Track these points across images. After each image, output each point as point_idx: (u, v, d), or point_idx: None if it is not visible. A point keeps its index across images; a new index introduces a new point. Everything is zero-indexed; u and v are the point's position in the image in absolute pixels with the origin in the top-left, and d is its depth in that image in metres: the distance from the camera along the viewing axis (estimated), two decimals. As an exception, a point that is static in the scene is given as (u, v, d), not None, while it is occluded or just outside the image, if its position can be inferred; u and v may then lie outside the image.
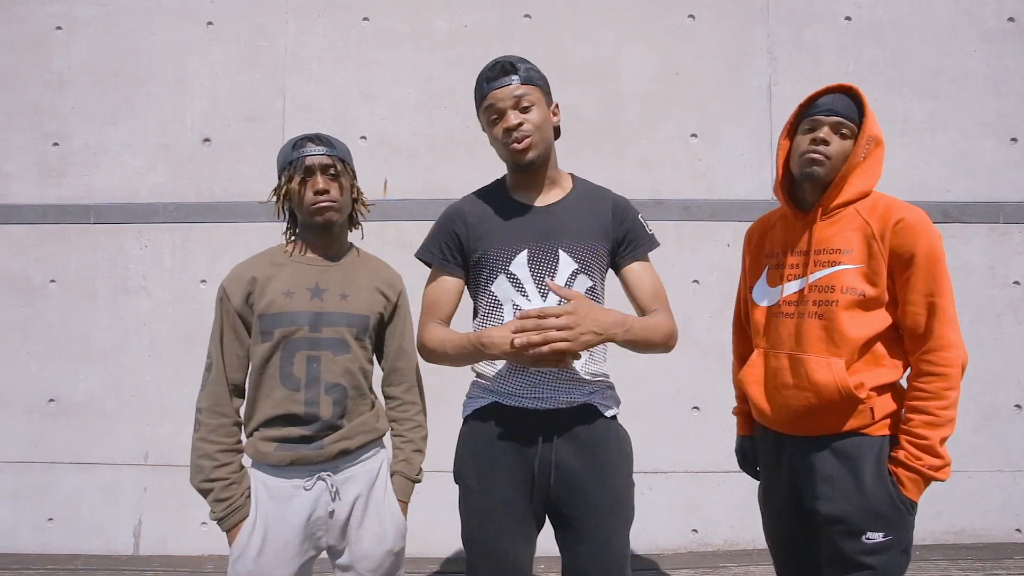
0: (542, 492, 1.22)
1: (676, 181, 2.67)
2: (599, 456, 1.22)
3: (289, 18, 2.70)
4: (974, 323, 2.60)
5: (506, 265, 1.23)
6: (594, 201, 1.30)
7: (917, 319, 1.14)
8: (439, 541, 2.57)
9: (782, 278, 1.26)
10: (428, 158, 2.67)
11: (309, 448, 1.23)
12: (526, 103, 1.20)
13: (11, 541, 2.64)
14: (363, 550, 1.28)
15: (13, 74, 2.73)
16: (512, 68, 1.21)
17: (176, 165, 2.69)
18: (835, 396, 1.15)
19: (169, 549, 2.60)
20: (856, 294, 1.16)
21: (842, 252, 1.18)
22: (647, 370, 2.58)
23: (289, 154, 1.28)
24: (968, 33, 2.65)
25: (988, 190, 2.63)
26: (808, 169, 1.19)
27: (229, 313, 1.27)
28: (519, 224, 1.25)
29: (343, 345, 1.26)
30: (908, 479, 1.13)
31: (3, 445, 2.66)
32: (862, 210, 1.19)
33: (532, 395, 1.21)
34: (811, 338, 1.19)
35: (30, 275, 2.69)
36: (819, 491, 1.18)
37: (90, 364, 2.66)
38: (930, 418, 1.12)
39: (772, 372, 1.25)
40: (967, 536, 2.57)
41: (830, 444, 1.18)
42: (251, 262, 1.31)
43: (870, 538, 1.13)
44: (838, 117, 1.18)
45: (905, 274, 1.14)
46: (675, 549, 2.58)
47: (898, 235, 1.14)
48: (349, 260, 1.36)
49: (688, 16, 2.68)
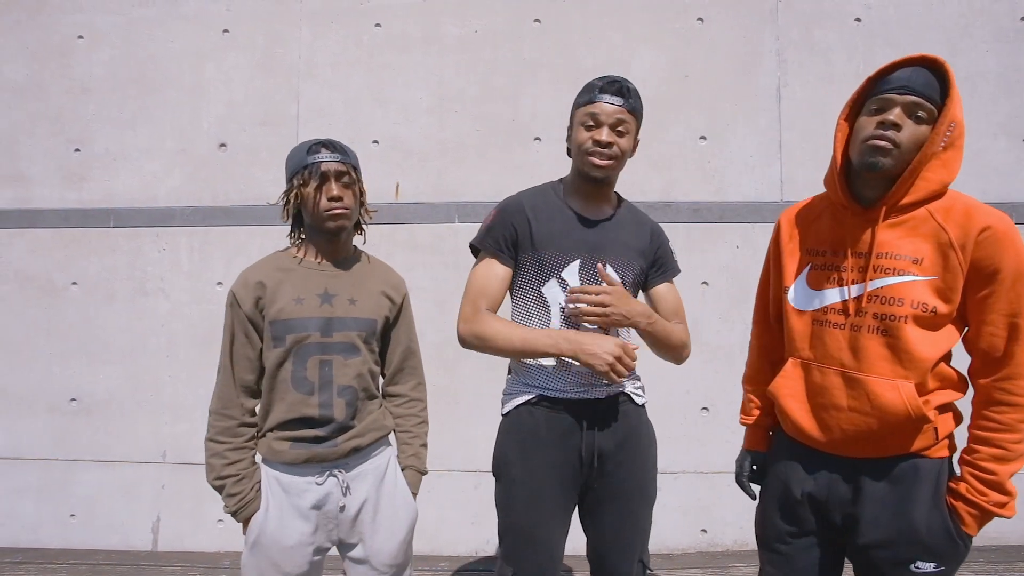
0: (583, 477, 1.31)
1: (686, 183, 2.68)
2: (632, 441, 1.34)
3: (303, 24, 2.75)
4: (987, 324, 2.59)
5: (559, 270, 1.31)
6: (637, 223, 1.41)
7: (995, 341, 1.01)
8: (448, 541, 2.60)
9: (830, 281, 1.09)
10: (439, 161, 2.71)
11: (323, 447, 1.27)
12: (622, 128, 1.27)
13: (36, 536, 2.71)
14: (378, 544, 1.32)
15: (36, 82, 2.80)
16: (627, 92, 1.29)
17: (193, 169, 2.75)
18: (904, 421, 1.02)
19: (187, 545, 2.66)
20: (927, 310, 1.01)
21: (911, 261, 1.01)
22: (657, 372, 2.58)
23: (303, 159, 1.28)
24: (980, 32, 2.63)
25: (1001, 190, 2.61)
26: (872, 159, 1.00)
27: (240, 317, 1.29)
28: (576, 233, 1.32)
29: (353, 349, 1.30)
30: (968, 514, 1.03)
31: (27, 443, 2.73)
32: (937, 213, 1.02)
33: (576, 387, 1.30)
34: (872, 355, 1.04)
35: (53, 277, 2.76)
36: (866, 514, 1.06)
37: (110, 364, 2.73)
38: (1001, 452, 1.01)
39: (818, 389, 1.10)
40: (979, 539, 2.53)
41: (883, 465, 1.06)
42: (259, 266, 1.33)
43: (919, 567, 1.03)
44: (914, 96, 0.98)
45: (985, 291, 1.00)
46: (684, 549, 2.59)
47: (983, 246, 0.98)
48: (356, 265, 1.39)
49: (697, 19, 2.69)
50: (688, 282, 2.61)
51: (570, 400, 1.29)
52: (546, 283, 1.31)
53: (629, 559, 1.30)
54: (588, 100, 1.29)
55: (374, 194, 2.78)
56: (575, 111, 1.34)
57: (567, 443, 1.29)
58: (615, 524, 1.31)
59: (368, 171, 2.77)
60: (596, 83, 1.30)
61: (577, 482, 1.31)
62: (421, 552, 2.58)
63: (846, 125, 1.10)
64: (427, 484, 2.62)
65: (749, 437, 1.35)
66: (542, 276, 1.31)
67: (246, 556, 1.29)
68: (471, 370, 2.56)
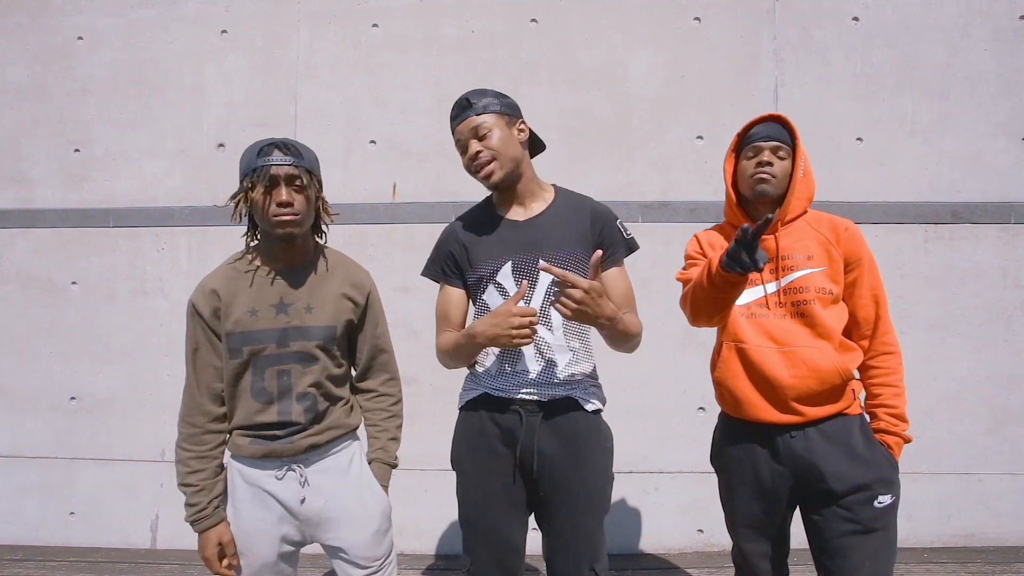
0: (526, 477, 1.33)
1: (683, 183, 2.68)
2: (577, 446, 1.33)
3: (301, 25, 2.76)
4: (986, 325, 2.58)
5: (493, 276, 1.36)
6: (574, 210, 1.40)
7: (869, 311, 1.35)
8: (444, 539, 2.61)
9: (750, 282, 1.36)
10: (437, 162, 2.72)
11: (279, 443, 1.28)
12: (483, 131, 1.31)
13: (37, 533, 2.73)
14: (349, 537, 1.33)
15: (38, 84, 2.82)
16: (468, 103, 1.33)
17: (192, 170, 2.77)
18: (836, 378, 1.29)
19: (185, 544, 2.68)
20: (826, 292, 1.32)
21: (806, 258, 1.34)
22: (654, 372, 2.59)
23: (253, 160, 1.22)
24: (979, 32, 2.63)
25: (1000, 190, 2.61)
26: (760, 188, 1.35)
27: (201, 326, 1.28)
28: (503, 238, 1.37)
29: (310, 358, 1.29)
30: (894, 443, 1.32)
31: (29, 441, 2.75)
32: (811, 223, 1.38)
33: (518, 387, 1.33)
34: (796, 333, 1.32)
35: (53, 277, 2.78)
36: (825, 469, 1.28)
37: (110, 363, 2.75)
38: (896, 389, 1.34)
39: (758, 366, 1.33)
40: (977, 539, 2.55)
41: (820, 426, 1.31)
42: (215, 275, 1.30)
43: (881, 501, 1.28)
44: (775, 142, 1.35)
45: (854, 274, 1.34)
46: (681, 549, 2.59)
47: (847, 242, 1.34)
48: (314, 268, 1.34)
49: (695, 18, 2.69)
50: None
51: (511, 400, 1.33)
52: (485, 291, 1.37)
53: (577, 566, 1.30)
54: (452, 133, 1.37)
55: (372, 194, 2.80)
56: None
57: (508, 442, 1.33)
58: (562, 530, 1.32)
59: (366, 171, 2.81)
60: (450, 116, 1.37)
61: (525, 481, 1.34)
62: (416, 551, 2.59)
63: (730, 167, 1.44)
64: (422, 483, 2.63)
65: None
66: (482, 286, 1.37)
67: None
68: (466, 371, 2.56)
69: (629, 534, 2.61)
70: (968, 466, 2.56)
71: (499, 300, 1.35)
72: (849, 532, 1.27)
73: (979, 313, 2.59)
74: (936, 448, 2.57)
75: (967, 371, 2.58)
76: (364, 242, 2.70)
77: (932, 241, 2.61)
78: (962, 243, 2.61)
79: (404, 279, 2.63)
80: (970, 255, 2.60)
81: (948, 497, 2.56)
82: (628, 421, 2.54)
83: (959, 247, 2.61)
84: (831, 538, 1.29)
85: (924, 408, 2.54)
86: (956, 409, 2.57)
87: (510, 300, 1.23)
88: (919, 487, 2.56)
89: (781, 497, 1.35)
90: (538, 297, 1.34)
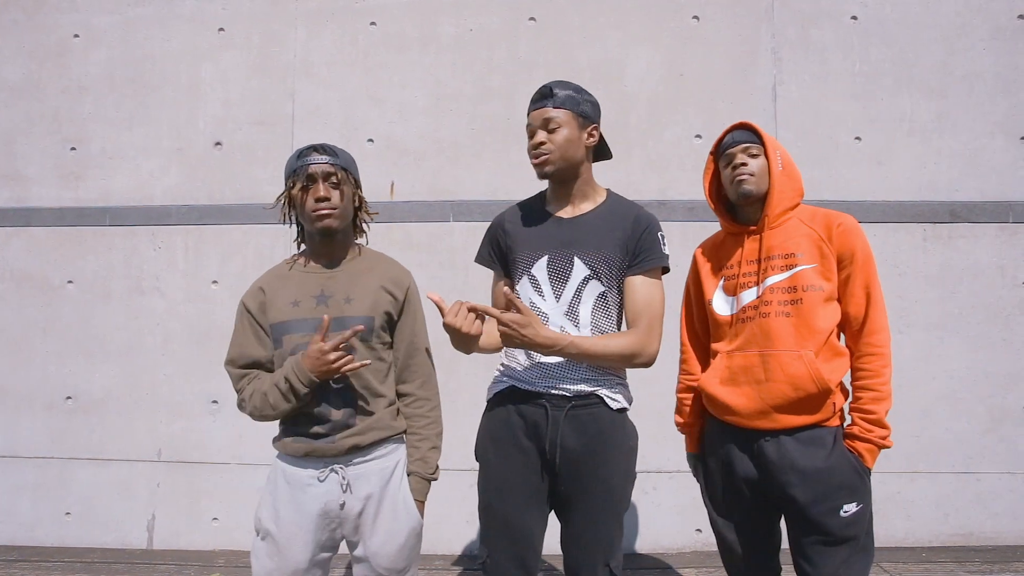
0: (549, 471, 1.34)
1: (681, 182, 2.67)
2: (599, 443, 1.33)
3: (298, 23, 2.75)
4: (983, 324, 2.58)
5: (528, 268, 1.39)
6: (619, 214, 1.40)
7: (859, 308, 1.31)
8: (446, 538, 2.60)
9: (740, 287, 1.38)
10: (435, 161, 2.71)
11: (321, 442, 1.29)
12: (554, 125, 1.34)
13: (32, 534, 2.72)
14: (376, 545, 1.31)
15: (33, 81, 2.81)
16: (550, 92, 1.36)
17: (189, 168, 2.76)
18: (811, 387, 1.27)
19: (182, 544, 2.67)
20: (817, 290, 1.30)
21: (796, 255, 1.33)
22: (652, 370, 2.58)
23: (294, 163, 1.34)
24: (977, 31, 2.63)
25: (998, 190, 2.61)
26: (742, 189, 1.35)
27: (249, 319, 1.36)
28: (545, 232, 1.40)
29: (349, 348, 1.29)
30: (865, 450, 1.29)
31: (24, 441, 2.74)
32: (803, 218, 1.36)
33: (544, 382, 1.34)
34: (780, 334, 1.30)
35: (49, 276, 2.77)
36: (792, 479, 1.28)
37: (106, 362, 2.73)
38: (876, 394, 1.29)
39: (740, 370, 1.35)
40: (975, 539, 2.55)
41: (794, 435, 1.31)
42: (263, 276, 1.40)
43: (847, 510, 1.27)
44: (743, 143, 1.38)
45: (847, 271, 1.31)
46: (679, 549, 2.58)
47: (841, 237, 1.31)
48: (354, 263, 1.40)
49: (693, 17, 2.69)
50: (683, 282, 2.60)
51: (538, 393, 1.34)
52: (520, 281, 1.40)
53: (592, 563, 1.31)
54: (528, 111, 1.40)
55: (369, 193, 2.77)
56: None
57: (533, 435, 1.34)
58: (579, 527, 1.33)
59: (363, 170, 2.76)
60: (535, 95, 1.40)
61: (544, 474, 1.34)
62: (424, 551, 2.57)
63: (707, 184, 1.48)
64: (423, 483, 2.62)
65: (692, 441, 1.56)
66: (518, 275, 1.41)
67: (256, 542, 1.33)
68: (468, 369, 2.56)
69: (627, 534, 2.60)
70: (966, 465, 2.56)
71: (530, 292, 1.37)
72: (818, 542, 1.28)
73: (977, 312, 2.59)
74: (934, 447, 2.56)
75: (965, 370, 2.58)
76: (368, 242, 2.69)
77: (930, 240, 2.61)
78: (960, 242, 2.61)
79: (401, 278, 2.62)
80: (968, 254, 2.60)
81: (946, 496, 2.56)
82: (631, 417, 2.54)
83: (957, 246, 2.60)
84: (803, 544, 1.30)
85: (922, 407, 2.54)
86: (954, 408, 2.57)
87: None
88: (917, 486, 2.56)
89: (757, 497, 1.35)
90: (568, 293, 1.35)
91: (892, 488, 2.54)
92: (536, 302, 1.36)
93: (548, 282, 1.36)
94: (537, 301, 1.36)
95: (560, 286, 1.35)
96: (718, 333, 1.43)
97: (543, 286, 1.36)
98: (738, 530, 1.40)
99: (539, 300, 1.36)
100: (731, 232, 1.45)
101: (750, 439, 1.35)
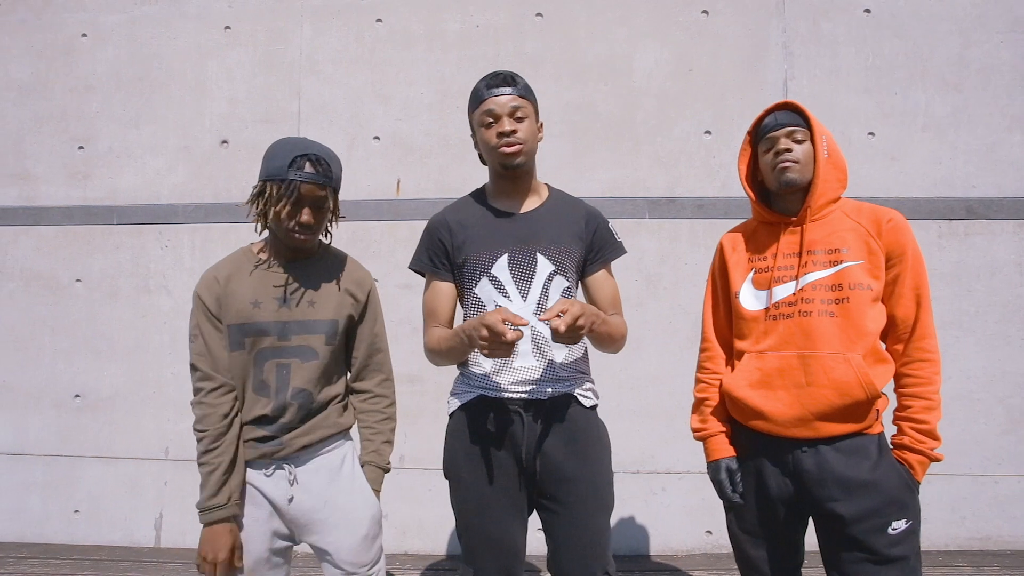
0: (529, 478, 1.29)
1: (690, 179, 2.64)
2: (580, 444, 1.30)
3: (304, 21, 2.75)
4: (1001, 323, 2.52)
5: (488, 268, 1.31)
6: (569, 209, 1.39)
7: (908, 311, 1.21)
8: (449, 539, 2.58)
9: (774, 280, 1.26)
10: (441, 158, 2.69)
11: (269, 445, 1.28)
12: (520, 114, 1.29)
13: (41, 531, 2.73)
14: (337, 540, 1.31)
15: (42, 81, 2.82)
16: (512, 80, 1.30)
17: (195, 167, 2.76)
18: (859, 393, 1.16)
19: (189, 542, 2.67)
20: (865, 288, 1.20)
21: (841, 251, 1.22)
22: (661, 369, 2.55)
23: (283, 170, 1.20)
24: (995, 23, 2.57)
25: (1016, 185, 2.55)
26: (785, 178, 1.24)
27: (207, 314, 1.27)
28: (500, 229, 1.33)
29: (311, 352, 1.29)
30: (917, 462, 1.19)
31: (33, 439, 2.75)
32: (848, 212, 1.26)
33: (516, 387, 1.29)
34: (824, 335, 1.19)
35: (57, 274, 2.78)
36: (834, 493, 1.17)
37: (113, 361, 2.74)
38: (928, 403, 1.19)
39: (775, 373, 1.23)
40: (993, 543, 2.49)
41: (834, 444, 1.19)
42: (220, 266, 1.31)
43: (896, 528, 1.15)
44: (788, 127, 1.25)
45: (896, 270, 1.21)
46: (689, 551, 2.55)
47: (890, 233, 1.22)
48: (318, 264, 1.35)
49: (702, 11, 2.65)
50: (693, 279, 2.58)
51: (509, 399, 1.28)
52: (478, 283, 1.32)
53: (586, 569, 1.25)
54: (478, 101, 1.30)
55: (375, 191, 2.78)
56: (471, 118, 1.34)
57: (508, 444, 1.28)
58: (569, 532, 1.27)
59: (369, 167, 2.78)
60: (481, 83, 1.32)
61: (527, 483, 1.29)
62: (424, 551, 2.56)
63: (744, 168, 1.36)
64: (429, 483, 2.61)
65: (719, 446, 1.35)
66: (474, 278, 1.33)
67: None
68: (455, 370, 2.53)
69: (635, 535, 2.57)
70: (983, 467, 2.51)
71: (492, 293, 1.30)
72: (862, 560, 1.16)
73: (994, 310, 2.53)
74: (950, 449, 2.48)
75: (981, 370, 2.52)
76: (367, 239, 2.68)
77: (946, 237, 2.55)
78: (977, 239, 2.55)
79: (407, 276, 2.59)
80: (985, 251, 2.54)
81: (962, 499, 2.51)
82: (635, 420, 2.51)
83: (973, 243, 2.55)
84: (843, 561, 1.19)
85: (938, 408, 2.49)
86: (970, 409, 2.51)
87: (505, 313, 1.11)
88: (933, 489, 2.51)
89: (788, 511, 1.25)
90: (535, 290, 1.30)
91: (906, 490, 2.49)
92: (501, 303, 1.29)
93: (512, 281, 1.30)
94: (502, 302, 1.29)
95: (525, 284, 1.30)
96: (743, 329, 1.31)
97: (507, 286, 1.30)
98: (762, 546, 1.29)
99: (504, 301, 1.29)
100: (766, 221, 1.33)
101: (784, 449, 1.23)
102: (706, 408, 1.37)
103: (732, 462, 1.32)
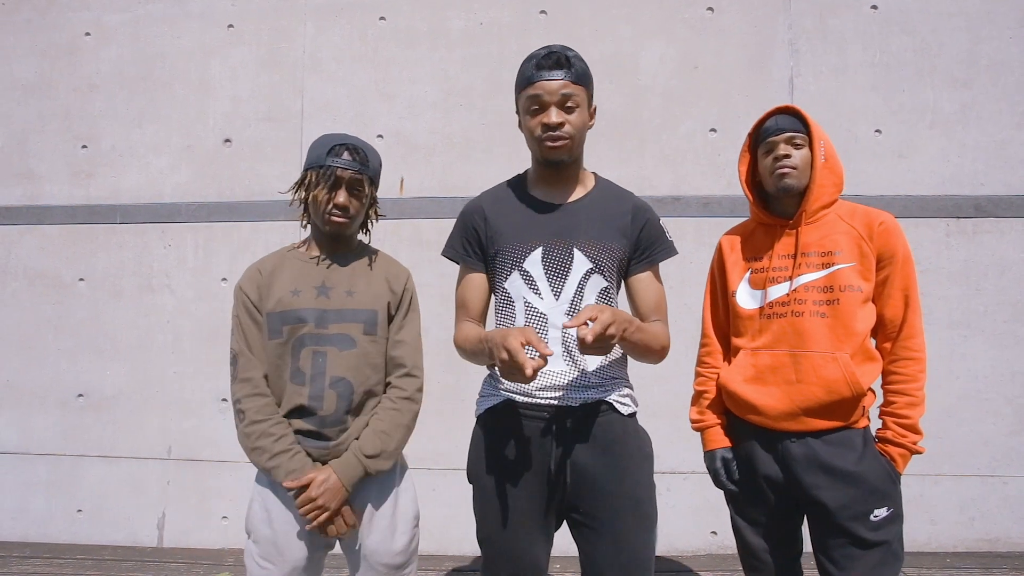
0: (558, 491, 1.19)
1: (696, 177, 2.62)
2: (616, 454, 1.19)
3: (307, 19, 2.74)
4: (1010, 322, 2.50)
5: (520, 262, 1.22)
6: (614, 201, 1.26)
7: (897, 311, 1.27)
8: (454, 539, 2.57)
9: (769, 281, 1.32)
10: (445, 156, 2.68)
11: (315, 445, 1.25)
12: (571, 104, 1.16)
13: (45, 530, 2.73)
14: (374, 544, 1.29)
15: (46, 80, 2.82)
16: (567, 63, 1.16)
17: (198, 166, 2.75)
18: (845, 391, 1.23)
19: (191, 542, 2.66)
20: (856, 290, 1.26)
21: (834, 254, 1.28)
22: (667, 370, 2.52)
23: (322, 158, 1.27)
24: (1004, 18, 2.54)
25: (1025, 183, 2.52)
26: (782, 183, 1.30)
27: (248, 308, 1.30)
28: (536, 221, 1.23)
29: (349, 341, 1.28)
30: (898, 455, 1.26)
31: (36, 438, 2.75)
32: (843, 215, 1.31)
33: (546, 391, 1.19)
34: (814, 335, 1.26)
35: (61, 273, 2.78)
36: (820, 481, 1.25)
37: (116, 360, 2.74)
38: (911, 399, 1.26)
39: (768, 369, 1.29)
40: (1002, 544, 2.46)
41: (822, 437, 1.27)
42: (262, 261, 1.36)
43: (877, 515, 1.23)
44: (788, 132, 1.30)
45: (886, 271, 1.27)
46: (694, 551, 2.53)
47: (882, 236, 1.27)
48: (356, 257, 1.38)
49: (707, 8, 2.63)
50: (698, 277, 2.54)
51: (539, 406, 1.19)
52: (508, 277, 1.23)
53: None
54: (526, 81, 1.17)
55: (379, 189, 2.76)
56: (517, 96, 1.22)
57: (536, 454, 1.19)
58: (606, 550, 1.15)
59: (373, 167, 2.77)
60: (532, 60, 1.18)
61: (556, 495, 1.19)
62: (427, 551, 2.55)
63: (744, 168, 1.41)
64: (433, 483, 2.59)
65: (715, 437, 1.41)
66: (505, 271, 1.24)
67: (249, 544, 1.29)
68: (477, 368, 2.51)
69: (640, 536, 2.55)
70: (992, 468, 2.48)
71: (523, 289, 1.21)
72: (847, 545, 1.24)
73: (1003, 309, 2.50)
74: (958, 449, 2.48)
75: (990, 369, 2.49)
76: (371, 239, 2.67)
77: (954, 235, 2.53)
78: (986, 237, 2.52)
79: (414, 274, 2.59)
80: (994, 249, 2.51)
81: (971, 500, 2.48)
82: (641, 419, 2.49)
83: (982, 241, 2.52)
84: (830, 547, 1.26)
85: (945, 408, 2.46)
86: (979, 409, 2.49)
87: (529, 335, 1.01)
88: (941, 489, 2.48)
89: (781, 499, 1.31)
90: (569, 289, 1.20)
91: (915, 491, 2.46)
92: (531, 300, 1.20)
93: (545, 277, 1.20)
94: (532, 299, 1.20)
95: (559, 282, 1.19)
96: (739, 327, 1.37)
97: (539, 282, 1.20)
98: (760, 533, 1.35)
99: (534, 298, 1.20)
100: (764, 223, 1.38)
101: (774, 439, 1.30)
102: (704, 400, 1.44)
103: (727, 452, 1.39)
